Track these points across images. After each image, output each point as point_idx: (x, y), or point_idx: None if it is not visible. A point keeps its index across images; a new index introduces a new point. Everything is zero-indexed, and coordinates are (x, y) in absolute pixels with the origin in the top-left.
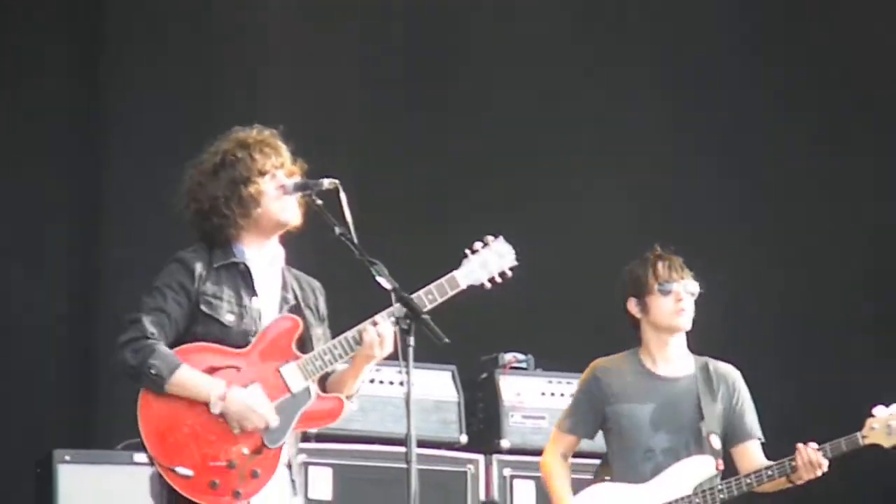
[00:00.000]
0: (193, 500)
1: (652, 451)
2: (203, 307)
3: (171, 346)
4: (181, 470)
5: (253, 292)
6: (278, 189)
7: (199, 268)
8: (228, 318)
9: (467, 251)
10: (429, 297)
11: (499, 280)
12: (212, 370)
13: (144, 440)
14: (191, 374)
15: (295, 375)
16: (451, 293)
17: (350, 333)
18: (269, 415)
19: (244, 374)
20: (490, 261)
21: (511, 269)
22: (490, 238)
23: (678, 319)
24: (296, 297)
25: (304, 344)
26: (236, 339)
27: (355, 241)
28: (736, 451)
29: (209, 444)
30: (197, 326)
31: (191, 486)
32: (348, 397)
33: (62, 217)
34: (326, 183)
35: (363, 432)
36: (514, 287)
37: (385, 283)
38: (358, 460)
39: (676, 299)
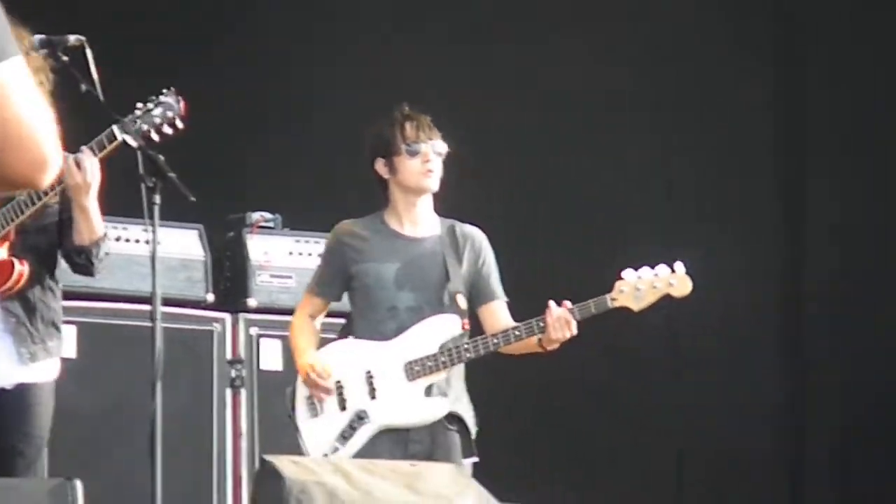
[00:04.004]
0: None
1: (395, 309)
2: None
3: None
4: None
5: None
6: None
7: None
8: None
9: (138, 103)
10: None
11: (168, 131)
12: None
13: None
14: None
15: None
16: (109, 148)
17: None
18: None
19: None
20: (155, 113)
21: (181, 121)
22: (165, 90)
23: (426, 181)
24: None
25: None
26: None
27: (101, 98)
28: (482, 311)
29: None
30: None
31: None
32: (94, 241)
33: None
34: (72, 39)
35: (108, 290)
36: (263, 146)
37: (131, 140)
38: (103, 318)
39: (424, 160)
